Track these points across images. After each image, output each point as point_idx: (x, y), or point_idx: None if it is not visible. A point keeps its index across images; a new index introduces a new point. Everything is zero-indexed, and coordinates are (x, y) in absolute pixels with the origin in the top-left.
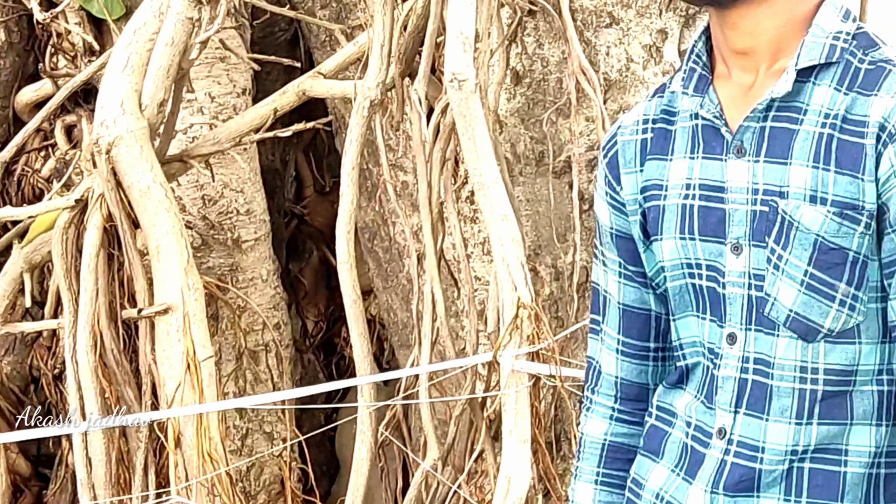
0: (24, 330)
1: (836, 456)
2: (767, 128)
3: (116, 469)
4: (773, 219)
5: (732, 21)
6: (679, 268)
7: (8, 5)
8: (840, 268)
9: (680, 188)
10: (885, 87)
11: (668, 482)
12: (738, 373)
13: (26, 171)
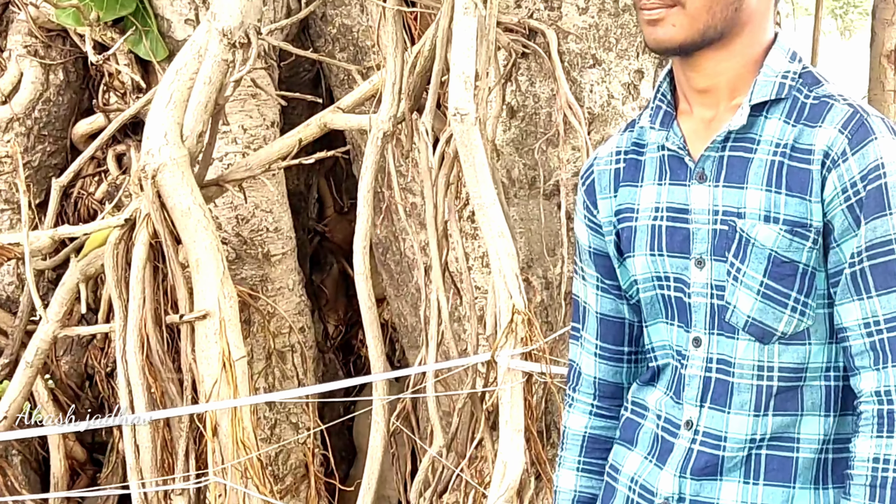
0: (80, 333)
1: (789, 443)
2: (725, 157)
3: (161, 455)
4: (732, 236)
5: (695, 65)
6: (650, 280)
7: (66, 49)
8: (791, 278)
9: (650, 211)
10: (827, 120)
11: (642, 468)
12: (703, 372)
13: (82, 194)
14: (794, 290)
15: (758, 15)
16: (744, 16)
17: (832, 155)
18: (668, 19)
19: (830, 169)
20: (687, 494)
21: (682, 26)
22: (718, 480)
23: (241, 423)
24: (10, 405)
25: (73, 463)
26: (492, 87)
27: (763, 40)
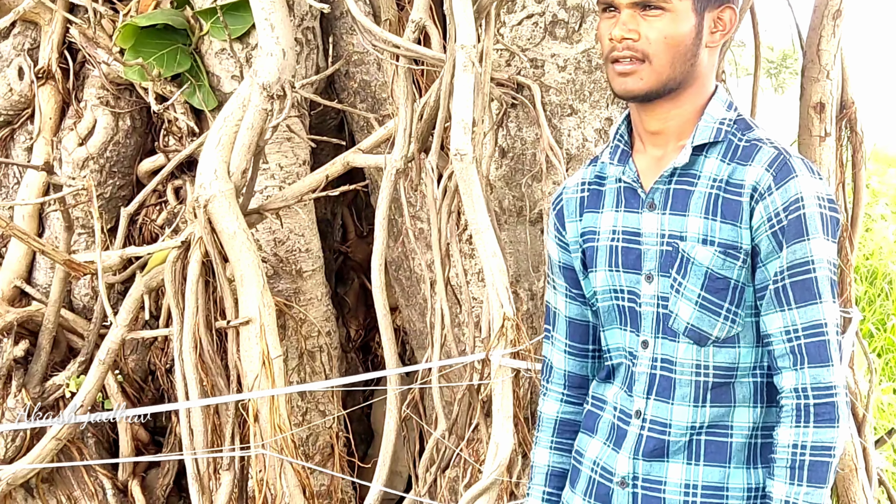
0: (144, 336)
1: (724, 430)
2: (671, 189)
3: (211, 437)
4: (676, 256)
5: (651, 111)
6: (608, 292)
7: (132, 100)
8: (724, 292)
9: (608, 233)
10: (756, 159)
11: (602, 452)
12: (650, 369)
13: (146, 220)
14: (726, 302)
15: (706, 70)
16: (696, 71)
17: (760, 189)
18: (637, 73)
19: (758, 201)
20: (640, 473)
21: (647, 79)
22: (665, 462)
23: (278, 410)
24: (86, 396)
25: (138, 444)
26: (486, 132)
27: (707, 92)
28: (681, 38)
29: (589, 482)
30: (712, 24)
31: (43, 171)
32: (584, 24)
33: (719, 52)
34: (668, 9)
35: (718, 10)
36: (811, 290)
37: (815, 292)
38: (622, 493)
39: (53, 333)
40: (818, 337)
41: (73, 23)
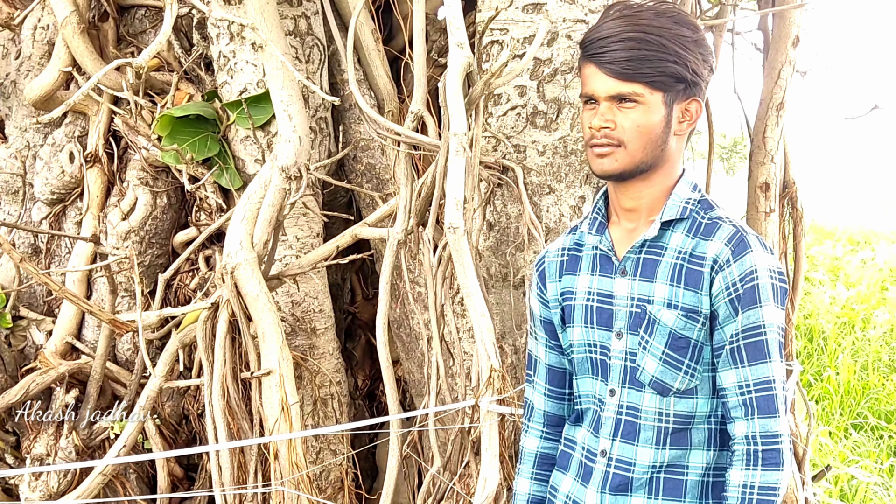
0: (178, 385)
1: (680, 469)
2: (641, 258)
3: (237, 473)
4: (644, 317)
5: (626, 189)
6: (583, 346)
7: (168, 180)
8: (685, 350)
9: (584, 294)
10: (717, 235)
11: (573, 487)
12: (616, 414)
13: (180, 285)
14: (686, 358)
15: (674, 155)
16: (665, 155)
17: (720, 262)
18: (613, 155)
19: (718, 272)
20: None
21: (622, 161)
22: (629, 496)
23: (295, 450)
24: (128, 437)
25: (173, 479)
26: (475, 208)
27: (675, 174)
28: (652, 127)
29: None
30: (680, 115)
31: (91, 242)
32: (561, 115)
33: (686, 138)
34: (641, 101)
35: (686, 103)
36: (762, 351)
37: (765, 353)
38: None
39: (100, 383)
40: (767, 391)
41: (117, 113)
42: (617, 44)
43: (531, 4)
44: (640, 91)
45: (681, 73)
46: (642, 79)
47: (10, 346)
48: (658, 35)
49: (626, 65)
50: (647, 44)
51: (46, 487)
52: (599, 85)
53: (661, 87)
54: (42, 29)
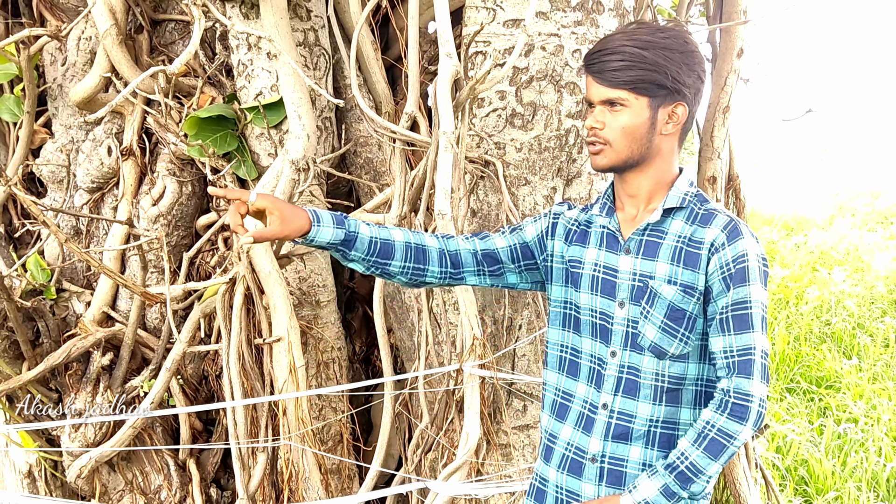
0: (199, 350)
1: (673, 425)
2: (644, 240)
3: (250, 427)
4: (646, 290)
5: (624, 180)
6: (588, 310)
7: (193, 171)
8: (682, 320)
9: (591, 265)
10: (714, 224)
11: (574, 435)
12: (618, 373)
13: (202, 262)
14: (681, 328)
15: (664, 153)
16: (651, 152)
17: (716, 245)
18: (602, 153)
19: (714, 253)
20: (607, 453)
21: (610, 157)
22: (629, 445)
23: (301, 408)
24: (155, 395)
25: (194, 432)
26: (461, 197)
27: (670, 170)
28: (637, 127)
29: (563, 458)
30: (666, 117)
31: (125, 225)
32: (536, 117)
33: (678, 138)
34: (627, 105)
35: (672, 106)
36: (747, 323)
37: (749, 324)
38: (592, 467)
39: (131, 347)
40: (747, 356)
41: (150, 113)
42: (608, 56)
43: (511, 20)
44: (626, 96)
45: (661, 81)
46: (626, 86)
47: (54, 314)
48: (643, 48)
49: (612, 74)
50: (632, 56)
51: (84, 438)
52: (594, 92)
53: (645, 92)
54: (85, 39)
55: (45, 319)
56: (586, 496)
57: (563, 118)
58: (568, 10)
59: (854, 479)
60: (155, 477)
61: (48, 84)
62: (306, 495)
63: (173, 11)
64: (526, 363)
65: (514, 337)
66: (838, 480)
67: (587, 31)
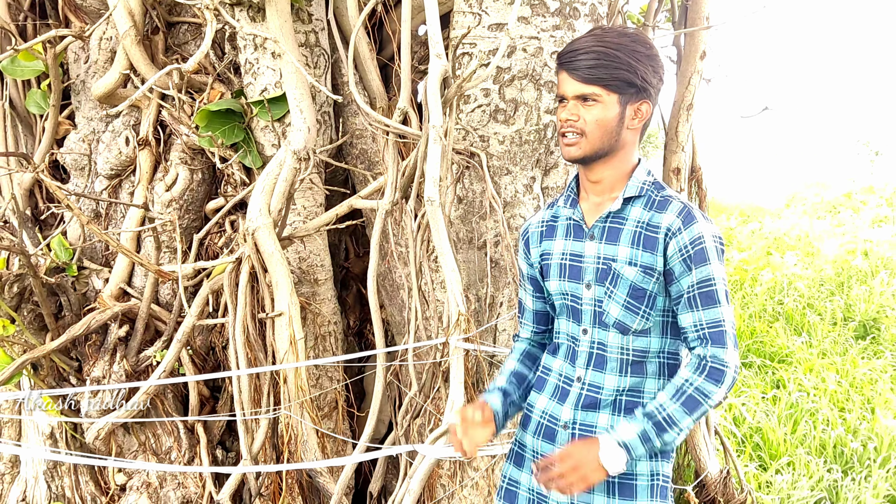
0: (208, 323)
1: (638, 394)
2: (607, 226)
3: (253, 394)
4: (609, 272)
5: (591, 169)
6: (559, 294)
7: (203, 160)
8: (642, 298)
9: (559, 254)
10: (669, 210)
11: (549, 405)
12: (588, 349)
13: (211, 243)
14: (643, 305)
15: (629, 144)
16: (619, 143)
17: (672, 230)
18: (577, 144)
19: (671, 238)
20: (578, 420)
21: (584, 148)
22: (597, 412)
23: (300, 376)
24: (167, 364)
25: (202, 397)
26: (448, 185)
27: (631, 160)
28: (608, 122)
29: (538, 426)
30: (633, 113)
31: (140, 209)
32: (517, 112)
33: (640, 132)
34: (600, 101)
35: (638, 103)
36: (713, 298)
37: (715, 300)
38: (564, 433)
39: (145, 320)
40: (718, 328)
41: (164, 107)
42: (583, 55)
43: (495, 24)
44: (599, 92)
45: (632, 80)
46: (600, 83)
47: (75, 290)
48: (616, 49)
49: (587, 72)
50: (606, 56)
51: (102, 403)
52: (568, 87)
53: (616, 89)
54: (106, 40)
55: (67, 294)
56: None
57: (542, 114)
58: (547, 16)
59: (804, 446)
60: (166, 439)
61: (72, 80)
62: (304, 457)
63: (186, 14)
64: (506, 337)
65: (495, 313)
66: (790, 447)
67: (564, 35)
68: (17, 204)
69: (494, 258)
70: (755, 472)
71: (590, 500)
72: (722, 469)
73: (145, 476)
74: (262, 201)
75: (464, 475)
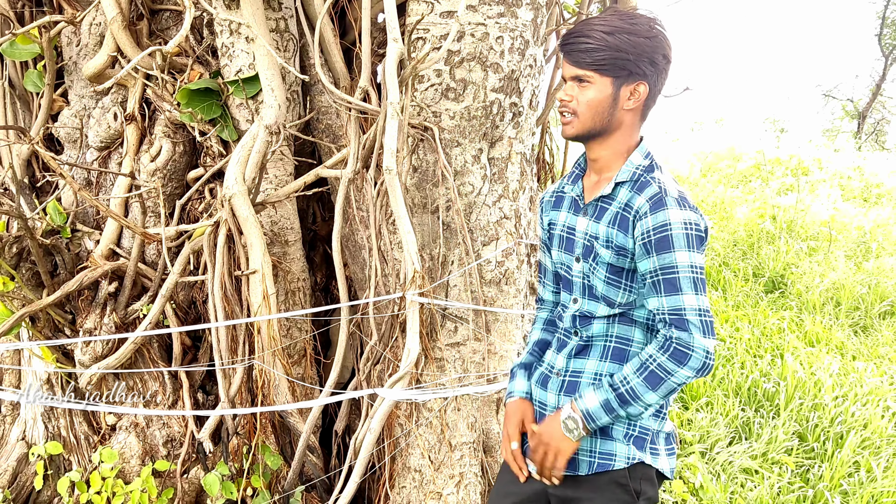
0: (189, 280)
1: (626, 342)
2: (598, 205)
3: (230, 343)
4: (592, 250)
5: (590, 147)
6: (558, 263)
7: (184, 133)
8: (621, 274)
9: (561, 226)
10: (644, 192)
11: (550, 355)
12: (578, 312)
13: (192, 208)
14: (623, 279)
15: (625, 125)
16: (613, 124)
17: (640, 213)
18: (570, 123)
19: (637, 220)
20: (570, 368)
21: (576, 127)
22: (586, 359)
23: (272, 328)
24: (152, 317)
25: (184, 346)
26: (404, 156)
27: (630, 141)
28: (599, 102)
29: (540, 374)
30: (628, 94)
31: (128, 178)
32: (466, 91)
33: (640, 113)
34: (593, 82)
35: (634, 84)
36: (675, 286)
37: (677, 287)
38: (556, 380)
39: (133, 278)
40: (679, 315)
41: (149, 86)
42: (578, 39)
43: (446, 12)
44: (591, 74)
45: (623, 63)
46: (591, 66)
47: (69, 250)
48: (609, 34)
49: (580, 55)
50: (598, 40)
51: (93, 352)
52: (566, 70)
53: (608, 72)
54: (96, 25)
55: (61, 254)
56: (550, 405)
57: (489, 92)
58: (492, 4)
59: (721, 388)
60: (152, 384)
61: (65, 61)
62: (276, 400)
63: (168, 2)
64: (457, 292)
65: (447, 271)
66: (708, 389)
67: (508, 21)
68: (16, 173)
69: (446, 221)
70: (678, 412)
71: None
72: None
73: (133, 417)
74: (237, 171)
75: (419, 415)
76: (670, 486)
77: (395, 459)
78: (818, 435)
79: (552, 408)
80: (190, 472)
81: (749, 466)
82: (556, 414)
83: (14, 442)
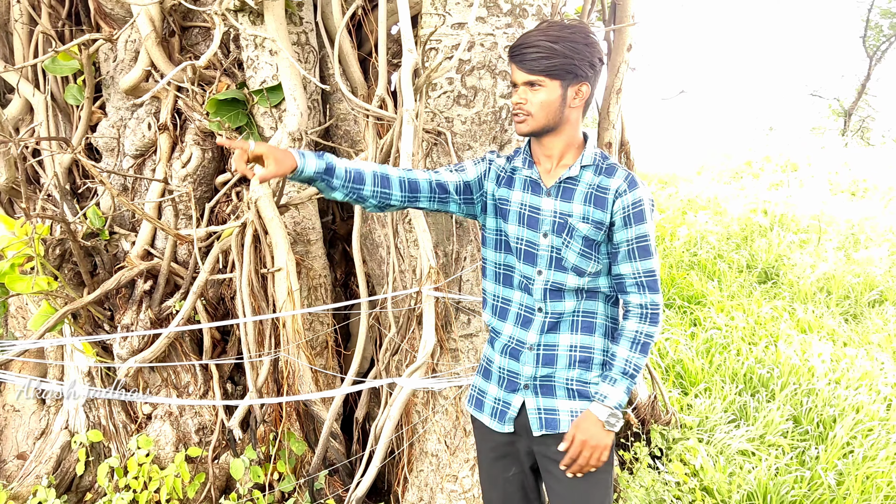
0: (218, 278)
1: (592, 314)
2: (562, 186)
3: (257, 337)
4: (566, 226)
5: (541, 142)
6: (515, 239)
7: (213, 142)
8: (593, 246)
9: (518, 204)
10: (616, 175)
11: (514, 331)
12: (544, 286)
13: (220, 211)
14: (594, 251)
15: (571, 121)
16: (562, 121)
17: (619, 191)
18: (525, 122)
19: (618, 197)
20: (542, 342)
21: (531, 125)
22: (558, 334)
23: (296, 322)
24: (184, 313)
25: (214, 340)
26: (419, 160)
27: (576, 134)
28: (551, 103)
29: (504, 347)
30: (574, 94)
31: (161, 183)
32: (476, 97)
33: (582, 109)
34: (543, 86)
35: (578, 85)
36: (647, 251)
37: (650, 252)
38: (530, 354)
39: (166, 276)
40: (652, 277)
41: (180, 97)
42: (527, 49)
43: (457, 23)
44: (542, 79)
45: (570, 67)
46: (542, 72)
47: (107, 251)
48: (555, 42)
49: (532, 63)
50: (546, 49)
51: (130, 346)
52: (517, 75)
53: (557, 76)
54: (131, 42)
55: (100, 255)
56: (525, 375)
57: (498, 98)
58: (501, 16)
59: (719, 374)
60: (184, 376)
61: (103, 76)
62: (301, 389)
63: (198, 20)
64: (470, 286)
65: (460, 266)
66: (707, 375)
67: (515, 32)
68: (59, 180)
69: (458, 219)
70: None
71: (552, 404)
72: (650, 395)
73: (167, 407)
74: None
75: (435, 403)
76: (672, 468)
77: (413, 445)
78: (812, 418)
79: (528, 377)
80: (220, 457)
81: (747, 449)
82: (585, 419)
83: (58, 431)
